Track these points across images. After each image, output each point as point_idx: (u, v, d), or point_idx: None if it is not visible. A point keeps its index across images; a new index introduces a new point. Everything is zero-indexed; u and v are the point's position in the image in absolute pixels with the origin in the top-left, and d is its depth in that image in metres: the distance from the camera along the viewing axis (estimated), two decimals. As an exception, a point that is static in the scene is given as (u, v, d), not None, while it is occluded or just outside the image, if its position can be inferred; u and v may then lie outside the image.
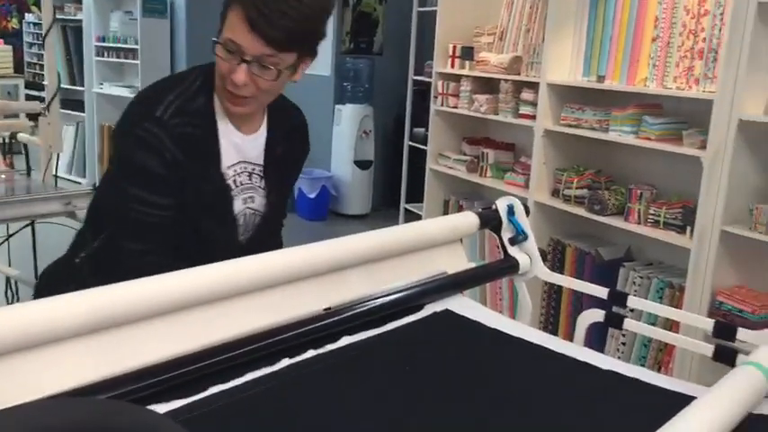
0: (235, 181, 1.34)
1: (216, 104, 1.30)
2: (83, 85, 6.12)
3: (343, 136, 5.49)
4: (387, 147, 5.65)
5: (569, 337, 1.31)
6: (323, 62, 5.63)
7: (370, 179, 5.64)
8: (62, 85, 4.00)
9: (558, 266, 2.97)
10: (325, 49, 5.57)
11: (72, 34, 6.25)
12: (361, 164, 5.55)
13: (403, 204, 4.29)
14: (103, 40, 5.92)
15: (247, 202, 1.38)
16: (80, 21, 6.10)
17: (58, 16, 5.70)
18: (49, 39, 2.87)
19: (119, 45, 5.82)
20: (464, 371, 1.03)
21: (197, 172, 1.27)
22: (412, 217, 3.98)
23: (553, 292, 3.02)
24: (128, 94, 5.82)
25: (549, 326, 3.05)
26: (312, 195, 5.43)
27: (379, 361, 1.03)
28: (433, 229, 1.33)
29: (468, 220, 1.36)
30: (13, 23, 8.88)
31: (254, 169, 1.38)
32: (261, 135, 1.39)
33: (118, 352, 0.84)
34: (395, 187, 4.54)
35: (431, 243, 1.30)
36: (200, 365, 0.88)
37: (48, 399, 0.49)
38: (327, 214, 5.54)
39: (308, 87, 5.71)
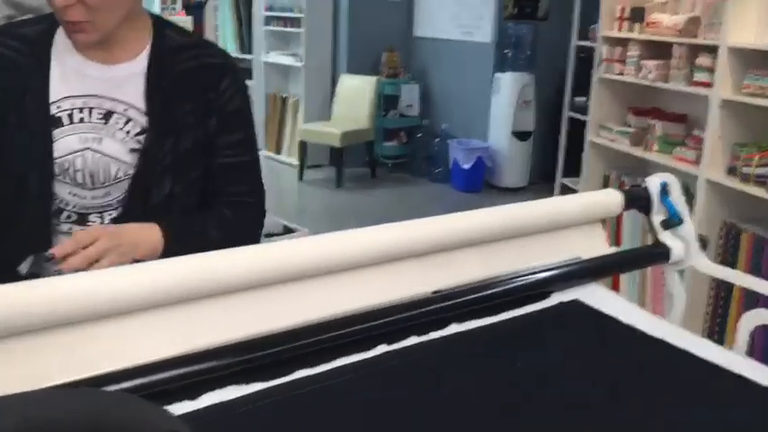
0: (71, 116, 1.15)
1: (60, 35, 1.17)
2: (252, 54, 6.37)
3: (502, 105, 5.30)
4: (547, 118, 5.38)
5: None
6: (483, 28, 5.45)
7: (528, 151, 5.41)
8: (233, 54, 4.15)
9: (730, 255, 2.65)
10: (487, 14, 5.38)
11: (243, 3, 6.50)
12: (520, 135, 5.33)
13: (559, 179, 4.05)
14: (271, 9, 6.11)
15: (89, 142, 1.15)
16: (251, -9, 6.34)
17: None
18: (209, 8, 2.96)
19: (285, 14, 5.98)
20: (589, 373, 0.89)
21: (3, 98, 1.13)
22: (568, 192, 3.75)
23: (722, 288, 2.70)
24: (292, 62, 5.99)
25: (716, 328, 2.73)
26: (467, 166, 5.30)
27: (489, 354, 0.92)
28: (569, 208, 1.18)
29: (610, 198, 1.19)
30: (196, -4, 9.43)
31: (115, 108, 1.16)
32: (133, 66, 1.18)
33: (199, 326, 0.80)
34: (554, 160, 4.31)
35: (564, 223, 1.16)
36: (286, 347, 0.82)
37: (47, 389, 0.43)
38: (482, 186, 5.40)
39: (467, 54, 5.58)
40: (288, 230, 3.25)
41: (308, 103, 5.90)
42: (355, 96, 5.62)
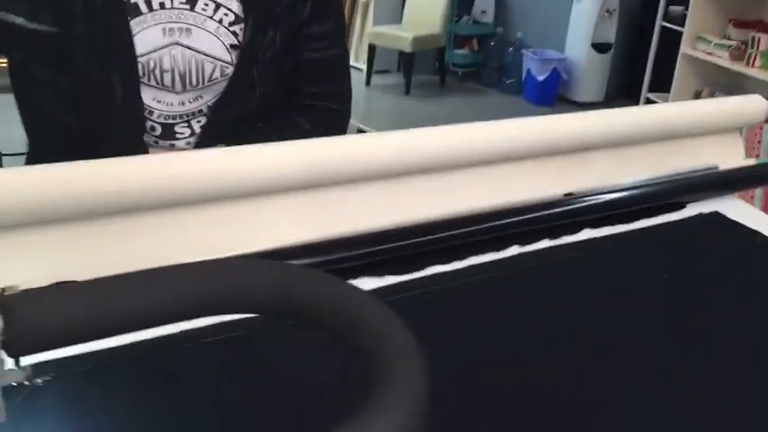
0: (149, 1, 0.96)
1: None
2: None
3: (583, 15, 5.03)
4: (630, 29, 5.09)
5: None
6: (570, -71, 5.12)
7: (606, 64, 5.16)
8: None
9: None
10: None
11: None
12: (600, 47, 5.07)
13: (645, 93, 3.86)
14: None
15: (176, 35, 0.97)
16: None
17: None
18: None
19: None
20: (734, 292, 0.83)
21: None
22: (653, 108, 3.57)
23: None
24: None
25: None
26: (541, 78, 5.10)
27: (624, 263, 0.86)
28: (705, 113, 1.08)
29: (752, 105, 1.09)
30: None
31: None
32: None
33: (333, 213, 0.75)
34: (634, 75, 4.11)
35: (702, 129, 1.06)
36: (420, 240, 0.77)
37: (235, 258, 0.38)
38: (556, 100, 5.21)
39: (549, -42, 5.26)
40: (361, 133, 3.19)
41: (379, 5, 5.70)
42: (428, -1, 5.41)
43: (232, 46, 1.01)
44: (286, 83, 1.10)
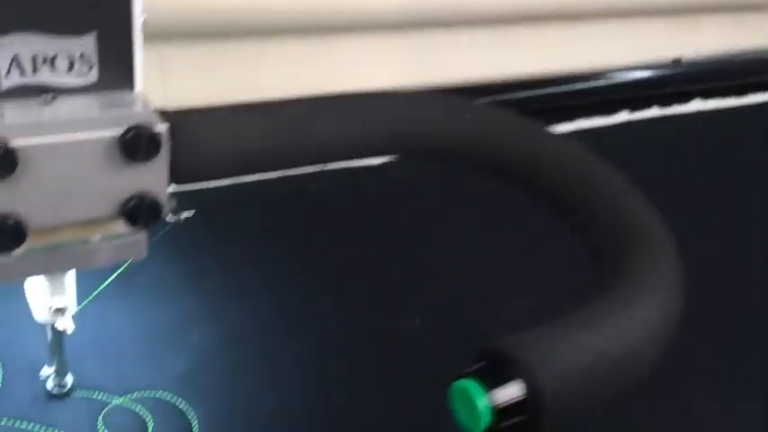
0: None
1: None
2: None
3: None
4: None
5: None
6: None
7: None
8: None
9: None
10: None
11: None
12: None
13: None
14: None
15: None
16: None
17: None
18: None
19: None
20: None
21: None
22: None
23: None
24: None
25: None
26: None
27: (734, 139, 0.78)
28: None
29: None
30: None
31: None
32: None
33: (428, 62, 0.66)
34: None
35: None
36: (523, 96, 0.68)
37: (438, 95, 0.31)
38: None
39: None
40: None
41: None
42: None
43: None
44: None
